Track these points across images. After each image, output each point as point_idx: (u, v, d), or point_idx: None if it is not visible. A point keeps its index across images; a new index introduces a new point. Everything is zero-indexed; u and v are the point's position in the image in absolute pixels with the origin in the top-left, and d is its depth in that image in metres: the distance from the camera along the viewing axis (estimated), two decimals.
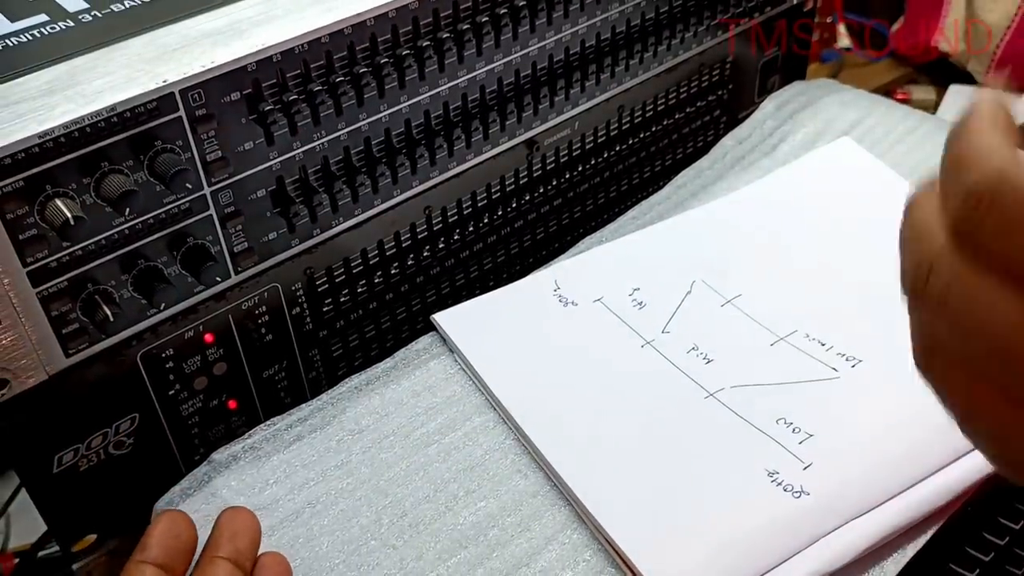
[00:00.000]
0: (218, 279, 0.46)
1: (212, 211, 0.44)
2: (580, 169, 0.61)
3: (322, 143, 0.47)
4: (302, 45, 0.44)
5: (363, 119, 0.48)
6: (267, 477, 0.44)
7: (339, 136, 0.47)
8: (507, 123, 0.54)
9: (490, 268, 0.59)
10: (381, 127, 0.49)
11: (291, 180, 0.47)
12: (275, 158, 0.45)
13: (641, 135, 0.63)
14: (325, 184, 0.48)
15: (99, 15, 0.46)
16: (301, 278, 0.50)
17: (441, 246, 0.55)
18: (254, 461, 0.45)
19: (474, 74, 0.51)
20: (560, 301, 0.53)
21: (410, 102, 0.49)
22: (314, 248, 0.49)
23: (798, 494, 0.41)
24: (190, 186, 0.43)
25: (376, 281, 0.53)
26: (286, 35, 0.43)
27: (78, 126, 0.39)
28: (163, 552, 0.36)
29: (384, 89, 0.48)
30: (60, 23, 0.45)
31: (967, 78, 0.83)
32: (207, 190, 0.44)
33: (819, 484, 0.41)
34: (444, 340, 0.51)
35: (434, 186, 0.53)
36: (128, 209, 0.41)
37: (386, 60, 0.47)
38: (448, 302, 0.55)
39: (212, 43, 0.43)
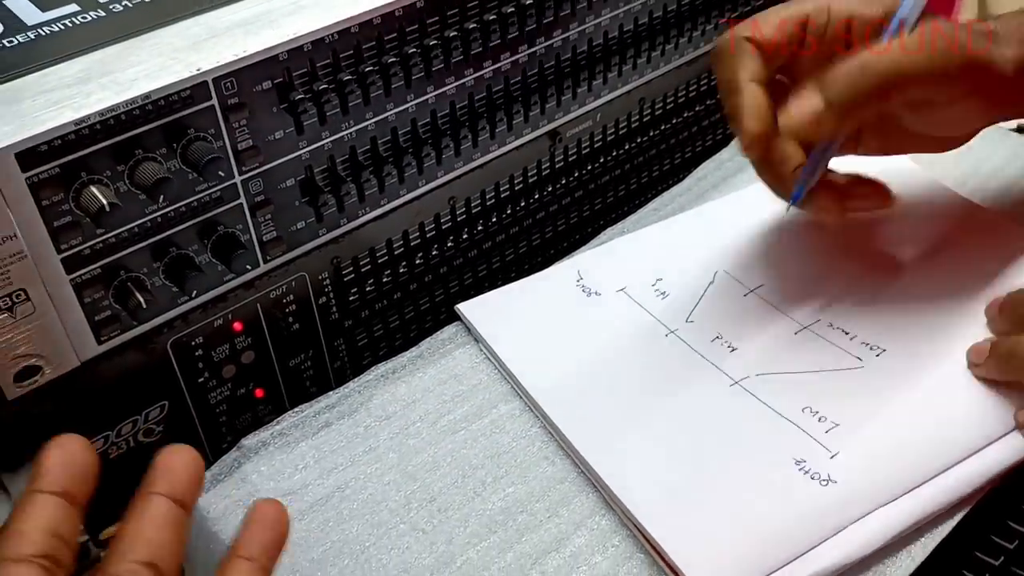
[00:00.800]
0: (248, 267, 0.46)
1: (243, 199, 0.45)
2: (602, 160, 0.61)
3: (350, 133, 0.47)
4: (332, 35, 0.44)
5: (390, 109, 0.48)
6: (296, 462, 0.45)
7: (367, 126, 0.48)
8: (530, 114, 0.55)
9: (512, 259, 0.59)
10: (408, 117, 0.49)
11: (320, 170, 0.47)
12: (304, 147, 0.46)
13: (662, 127, 0.64)
14: (352, 174, 0.48)
15: (129, 5, 0.46)
16: (328, 268, 0.50)
17: (465, 237, 0.56)
18: (283, 447, 0.45)
19: (499, 65, 0.51)
20: (583, 291, 0.53)
21: (436, 92, 0.49)
22: (341, 238, 0.50)
23: (825, 482, 0.41)
24: (222, 174, 0.43)
25: (401, 271, 0.53)
26: (317, 24, 0.44)
27: (113, 113, 0.39)
28: (61, 479, 0.31)
29: (411, 80, 0.48)
30: (91, 13, 0.45)
31: None
32: (238, 179, 0.44)
33: (846, 472, 0.41)
34: (468, 330, 0.51)
35: (458, 176, 0.53)
36: (162, 196, 0.42)
37: (414, 51, 0.47)
38: (471, 293, 0.56)
39: (244, 32, 0.44)
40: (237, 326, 0.48)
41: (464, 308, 0.52)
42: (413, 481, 0.44)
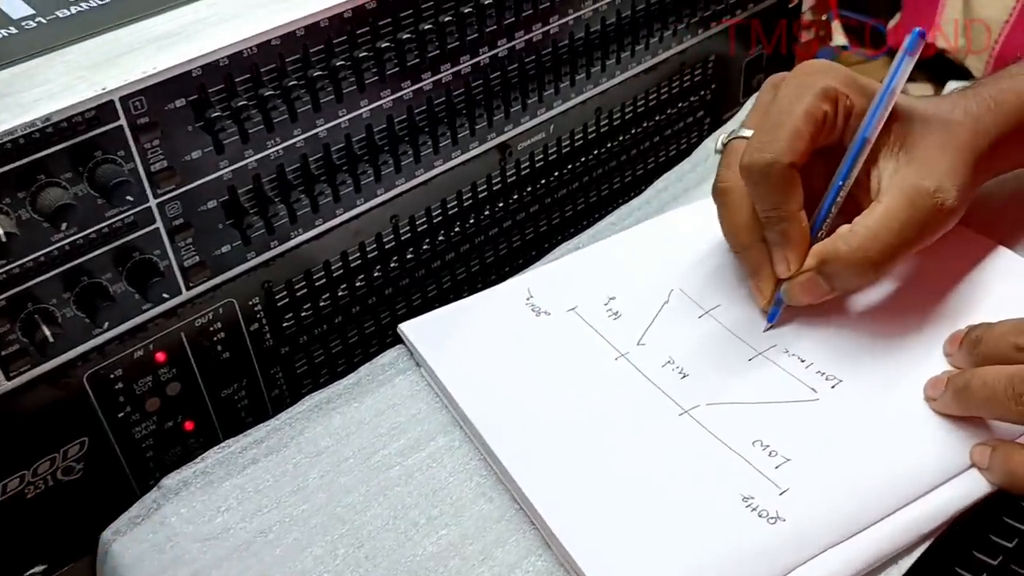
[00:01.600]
0: (166, 296, 0.44)
1: (159, 224, 0.42)
2: (556, 174, 0.58)
3: (277, 151, 0.45)
4: (251, 48, 0.42)
5: (320, 125, 0.46)
6: (219, 504, 0.42)
7: (295, 143, 0.45)
8: (477, 127, 0.52)
9: (463, 278, 0.57)
10: (340, 133, 0.46)
11: (244, 190, 0.44)
12: (226, 167, 0.43)
13: (620, 138, 0.61)
14: (281, 194, 0.46)
15: (43, 21, 0.44)
16: (259, 292, 0.47)
17: (410, 256, 0.53)
18: (206, 487, 0.43)
19: (439, 76, 0.49)
20: (532, 311, 0.50)
21: (371, 106, 0.47)
22: (272, 261, 0.47)
23: (774, 520, 0.39)
24: (133, 198, 0.41)
25: (340, 294, 0.51)
26: (234, 38, 0.41)
27: (11, 137, 0.37)
28: None
29: (342, 93, 0.45)
30: (2, 30, 0.43)
31: (965, 75, 0.81)
32: (153, 202, 0.42)
33: (796, 510, 0.39)
34: (411, 353, 0.49)
35: (400, 194, 0.51)
36: (66, 223, 0.39)
37: (343, 63, 0.45)
38: (420, 314, 0.53)
39: (157, 48, 0.41)
40: (160, 357, 0.45)
41: (406, 328, 0.50)
42: (341, 524, 0.41)
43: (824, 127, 0.44)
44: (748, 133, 0.46)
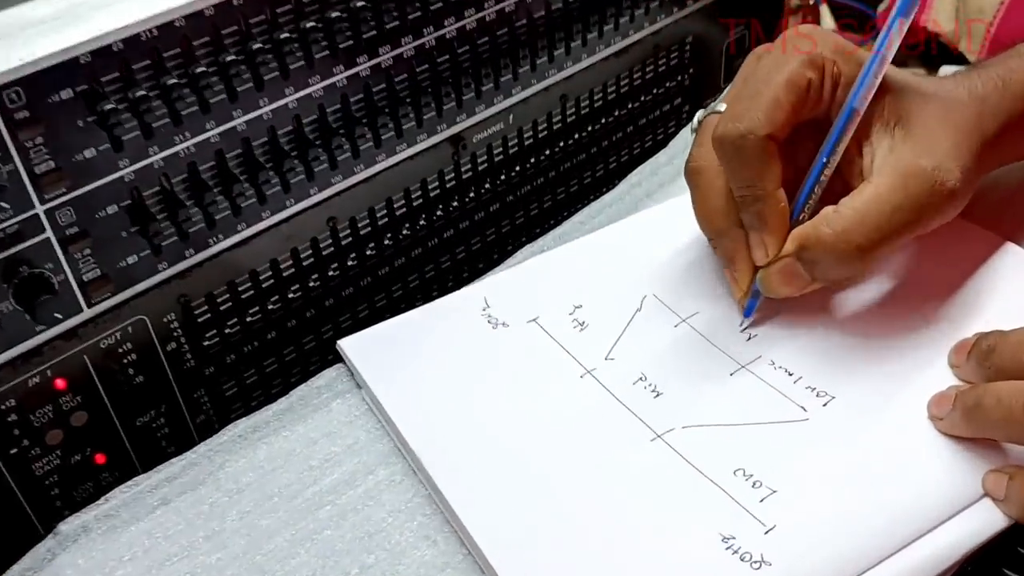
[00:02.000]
0: (59, 316, 0.38)
1: (49, 233, 0.37)
2: (517, 170, 0.53)
3: (187, 147, 0.39)
4: (150, 31, 0.36)
5: (238, 117, 0.40)
6: (122, 553, 0.37)
7: (208, 138, 0.40)
8: (425, 118, 0.47)
9: (415, 287, 0.52)
10: (262, 126, 0.41)
11: (150, 193, 0.39)
12: (127, 167, 0.38)
13: (588, 129, 0.56)
14: (195, 196, 0.40)
15: None
16: (174, 308, 0.42)
17: (352, 263, 0.48)
18: (108, 533, 0.37)
19: (378, 60, 0.43)
20: (489, 322, 0.45)
21: (297, 95, 0.41)
22: (188, 272, 0.42)
23: (757, 565, 0.33)
24: (13, 205, 0.35)
25: (272, 307, 0.46)
26: (129, 19, 0.36)
27: None
28: None
29: (262, 80, 0.40)
30: None
31: (958, 59, 0.76)
32: (40, 208, 0.36)
33: (783, 553, 0.33)
34: (352, 373, 0.44)
35: (338, 194, 0.45)
36: None
37: (262, 45, 0.39)
38: (367, 327, 0.48)
39: (37, 32, 0.36)
40: (60, 384, 0.40)
41: (345, 345, 0.44)
42: (261, 575, 0.36)
43: (808, 97, 0.39)
44: (724, 107, 0.41)
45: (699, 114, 0.44)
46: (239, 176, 0.41)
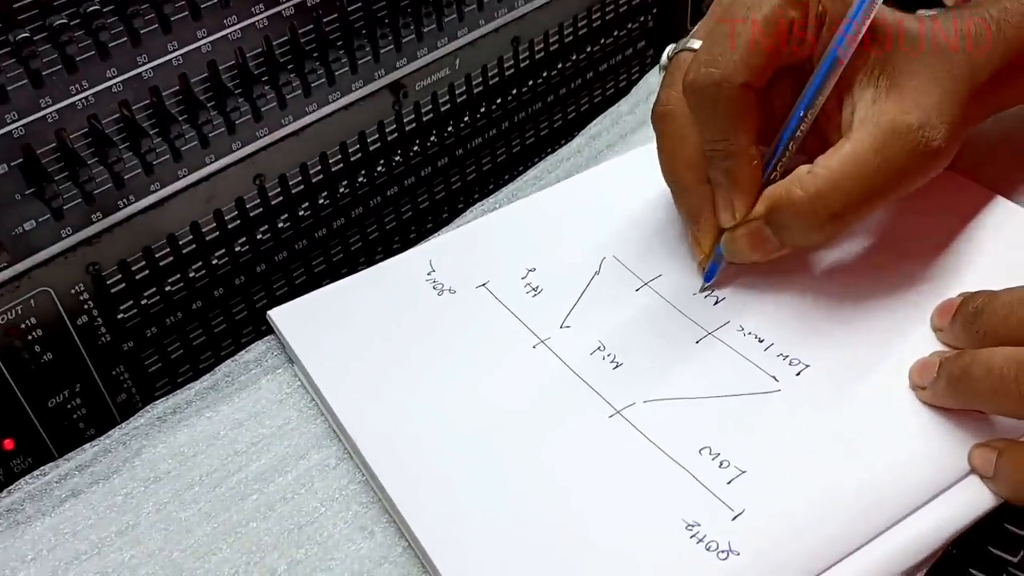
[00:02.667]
0: None
1: None
2: (467, 120, 0.49)
3: (85, 98, 0.35)
4: None
5: (143, 63, 0.36)
6: (25, 552, 0.33)
7: (109, 87, 0.35)
8: (360, 63, 0.42)
9: (358, 249, 0.48)
10: (172, 73, 0.37)
11: (45, 150, 0.35)
12: (15, 121, 0.34)
13: (544, 75, 0.51)
14: (98, 153, 0.36)
15: None
16: (83, 278, 0.38)
17: (285, 225, 0.44)
18: (11, 529, 0.34)
19: None
20: (434, 288, 0.41)
21: (211, 38, 0.37)
22: (96, 238, 0.37)
23: (724, 554, 0.30)
24: None
25: (196, 275, 0.41)
26: None
27: None
28: None
29: (169, 22, 0.35)
30: None
31: (934, 2, 0.72)
32: None
33: (752, 540, 0.30)
34: (284, 346, 0.40)
35: (264, 148, 0.41)
36: None
37: None
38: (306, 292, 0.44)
39: None
40: None
41: (276, 315, 0.40)
42: (179, 574, 0.32)
43: (790, 39, 0.35)
44: (698, 45, 0.37)
45: (669, 50, 0.40)
46: (147, 130, 0.37)
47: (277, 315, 0.40)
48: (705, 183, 0.37)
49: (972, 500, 0.32)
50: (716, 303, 0.39)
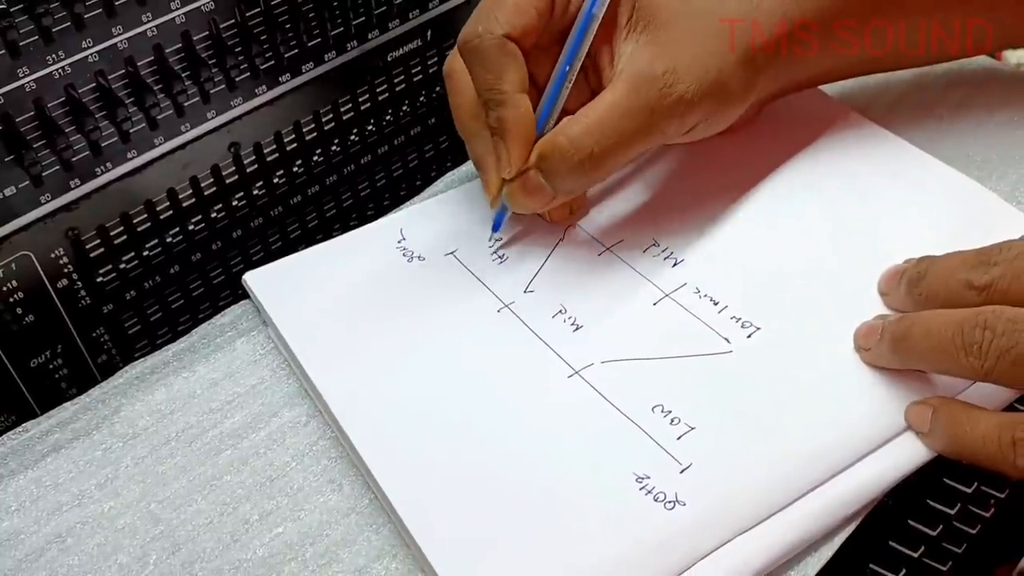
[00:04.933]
0: None
1: None
2: (439, 89, 0.50)
3: (61, 68, 0.36)
4: None
5: (118, 34, 0.37)
6: (9, 503, 0.35)
7: (85, 57, 0.36)
8: (333, 33, 0.44)
9: (333, 215, 0.49)
10: (147, 43, 0.38)
11: (23, 118, 0.36)
12: None
13: None
14: (76, 121, 0.37)
15: None
16: (62, 243, 0.39)
17: (260, 192, 0.45)
18: None
19: None
20: (404, 255, 0.43)
21: (185, 9, 0.38)
22: (75, 204, 0.39)
23: (671, 504, 0.32)
24: None
25: (173, 240, 0.43)
26: None
27: None
28: None
29: None
30: None
31: None
32: None
33: (697, 491, 0.32)
34: (258, 310, 0.41)
35: (239, 117, 0.42)
36: None
37: None
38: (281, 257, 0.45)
39: None
40: None
41: (251, 279, 0.42)
42: (156, 524, 0.34)
43: (554, 3, 0.37)
44: None
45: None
46: (124, 100, 0.38)
47: (252, 278, 0.42)
48: (488, 132, 0.39)
49: (909, 454, 0.33)
50: (675, 265, 0.40)
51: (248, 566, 0.33)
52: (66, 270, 0.40)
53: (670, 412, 0.35)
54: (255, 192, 0.45)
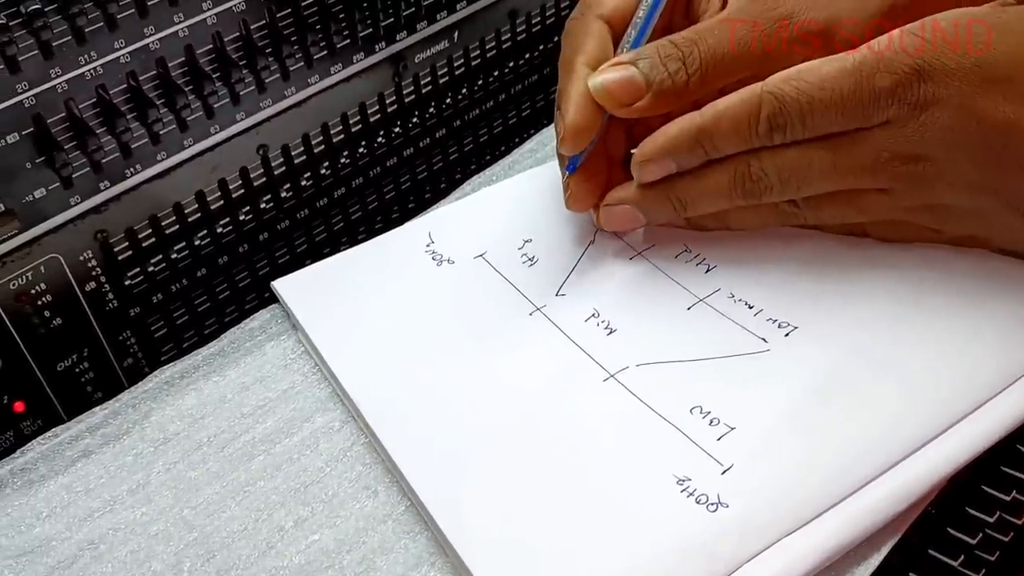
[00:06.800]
0: None
1: None
2: (465, 92, 0.50)
3: (93, 68, 0.35)
4: None
5: (150, 35, 0.36)
6: (40, 509, 0.34)
7: (117, 58, 0.36)
8: (361, 36, 0.43)
9: (359, 218, 0.49)
10: (178, 44, 0.37)
11: (55, 119, 0.35)
12: (26, 91, 0.34)
13: (542, 47, 0.52)
14: (107, 123, 0.37)
15: None
16: (91, 245, 0.39)
17: (288, 195, 0.45)
18: (24, 488, 0.35)
19: None
20: (434, 259, 0.42)
21: (216, 10, 0.38)
22: (104, 206, 0.38)
23: (714, 507, 0.32)
24: None
25: (201, 243, 0.42)
26: None
27: None
28: None
29: None
30: None
31: None
32: None
33: (741, 493, 0.32)
34: (287, 315, 0.41)
35: (267, 119, 0.42)
36: None
37: None
38: (306, 263, 0.45)
39: None
40: None
41: (280, 285, 0.41)
42: (190, 530, 0.34)
43: None
44: None
45: None
46: (155, 101, 0.37)
47: (281, 285, 0.41)
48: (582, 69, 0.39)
49: (951, 452, 0.33)
50: (707, 271, 0.40)
51: (285, 574, 0.32)
52: (94, 273, 0.39)
53: (709, 413, 0.34)
54: (282, 195, 0.44)
